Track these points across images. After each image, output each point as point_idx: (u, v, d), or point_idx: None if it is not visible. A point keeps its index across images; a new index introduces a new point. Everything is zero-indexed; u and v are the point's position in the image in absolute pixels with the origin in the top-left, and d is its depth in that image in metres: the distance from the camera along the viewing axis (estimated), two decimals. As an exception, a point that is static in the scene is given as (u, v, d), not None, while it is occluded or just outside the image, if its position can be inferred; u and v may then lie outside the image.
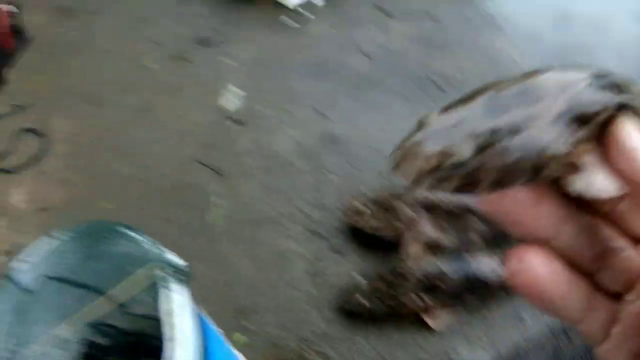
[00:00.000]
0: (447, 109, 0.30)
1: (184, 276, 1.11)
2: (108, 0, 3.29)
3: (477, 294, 1.89)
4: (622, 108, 0.27)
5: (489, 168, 0.27)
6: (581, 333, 0.31)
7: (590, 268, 0.30)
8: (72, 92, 2.72)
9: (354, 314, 1.89)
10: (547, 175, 0.27)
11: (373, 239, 2.05)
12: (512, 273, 0.29)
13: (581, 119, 0.27)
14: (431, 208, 2.03)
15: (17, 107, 2.68)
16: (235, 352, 1.48)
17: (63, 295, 1.24)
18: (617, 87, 0.28)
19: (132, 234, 1.17)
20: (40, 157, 2.44)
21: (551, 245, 0.29)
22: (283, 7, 3.10)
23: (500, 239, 1.90)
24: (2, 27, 3.04)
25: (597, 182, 0.27)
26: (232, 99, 2.65)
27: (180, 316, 1.03)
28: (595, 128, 0.27)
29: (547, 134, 0.27)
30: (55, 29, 3.15)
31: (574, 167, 0.27)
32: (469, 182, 0.27)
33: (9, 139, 2.50)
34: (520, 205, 0.28)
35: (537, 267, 0.28)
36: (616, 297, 0.30)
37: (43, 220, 2.20)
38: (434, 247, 1.93)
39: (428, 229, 1.98)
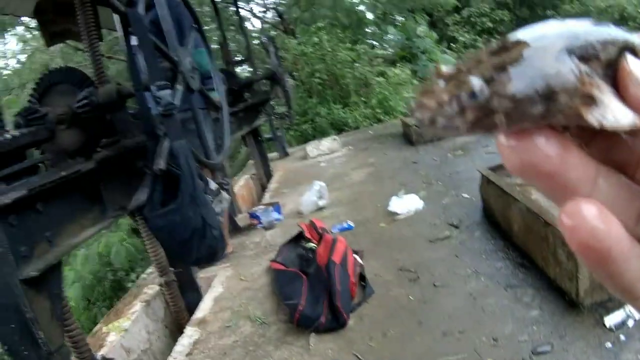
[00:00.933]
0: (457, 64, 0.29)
1: None
2: (455, 276, 3.35)
3: None
4: (626, 49, 0.28)
5: (501, 96, 0.27)
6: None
7: (636, 231, 0.28)
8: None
9: None
10: (560, 107, 0.26)
11: None
12: (570, 231, 0.27)
13: (585, 57, 0.27)
14: None
15: (357, 357, 2.70)
16: None
17: None
18: (618, 31, 0.29)
19: None
20: None
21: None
22: (601, 323, 2.99)
23: None
24: (352, 276, 3.19)
25: (613, 112, 0.27)
26: None
27: None
28: (600, 66, 0.27)
29: (553, 65, 0.27)
30: (397, 290, 3.25)
31: (586, 99, 0.26)
32: (484, 113, 0.27)
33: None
34: (548, 156, 0.27)
35: (595, 219, 0.26)
36: None
37: None
38: None
39: None
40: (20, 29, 13.10)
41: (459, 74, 0.28)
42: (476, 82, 0.27)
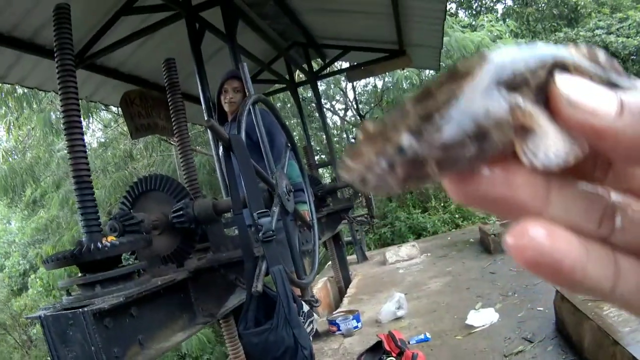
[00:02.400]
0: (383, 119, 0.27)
1: None
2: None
3: None
4: (556, 67, 0.27)
5: (430, 146, 0.25)
6: (617, 305, 0.28)
7: (599, 232, 0.28)
8: None
9: None
10: (494, 144, 0.25)
11: None
12: (517, 251, 0.26)
13: (514, 86, 0.26)
14: None
15: None
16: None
17: None
18: (547, 49, 0.27)
19: None
20: None
21: (548, 218, 0.26)
22: None
23: None
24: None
25: (545, 148, 0.25)
26: None
27: None
28: (532, 91, 0.26)
29: (481, 103, 0.25)
30: None
31: (519, 131, 0.26)
32: (414, 167, 0.26)
33: None
34: (491, 184, 0.26)
35: (541, 237, 0.25)
36: None
37: None
38: None
39: None
40: (103, 113, 13.25)
41: (385, 129, 0.27)
42: (403, 136, 0.26)
